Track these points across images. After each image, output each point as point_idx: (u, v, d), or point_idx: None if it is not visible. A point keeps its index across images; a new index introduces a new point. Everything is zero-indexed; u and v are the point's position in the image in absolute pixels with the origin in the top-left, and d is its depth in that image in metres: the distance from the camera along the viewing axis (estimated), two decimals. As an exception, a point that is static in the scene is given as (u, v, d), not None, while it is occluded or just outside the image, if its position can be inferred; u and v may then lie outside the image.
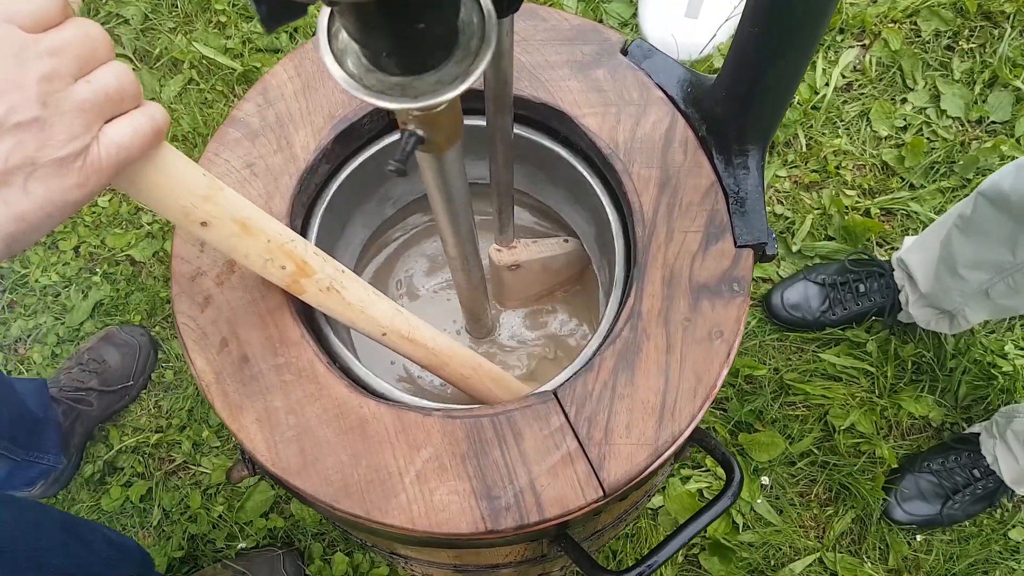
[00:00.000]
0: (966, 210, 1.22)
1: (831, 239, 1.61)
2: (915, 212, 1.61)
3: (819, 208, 1.62)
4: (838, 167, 1.65)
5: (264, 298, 0.71)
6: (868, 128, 1.68)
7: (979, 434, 1.42)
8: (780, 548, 1.43)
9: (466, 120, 0.55)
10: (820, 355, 1.53)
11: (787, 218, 1.62)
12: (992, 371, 1.50)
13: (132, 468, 1.51)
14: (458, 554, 0.83)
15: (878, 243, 1.61)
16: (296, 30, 1.79)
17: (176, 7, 1.83)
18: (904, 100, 1.71)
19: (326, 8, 0.43)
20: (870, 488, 1.44)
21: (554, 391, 0.68)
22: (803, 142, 1.67)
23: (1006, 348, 1.52)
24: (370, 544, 0.94)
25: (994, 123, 1.68)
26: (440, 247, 0.77)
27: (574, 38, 0.80)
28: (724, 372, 0.68)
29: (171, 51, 1.77)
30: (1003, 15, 1.75)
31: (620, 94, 0.78)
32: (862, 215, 1.61)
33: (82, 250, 1.65)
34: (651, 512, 1.43)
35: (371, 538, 0.86)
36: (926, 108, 1.70)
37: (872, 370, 1.51)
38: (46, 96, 0.41)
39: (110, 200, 1.69)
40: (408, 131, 0.48)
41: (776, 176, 1.65)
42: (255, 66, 1.73)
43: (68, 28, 0.43)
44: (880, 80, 1.72)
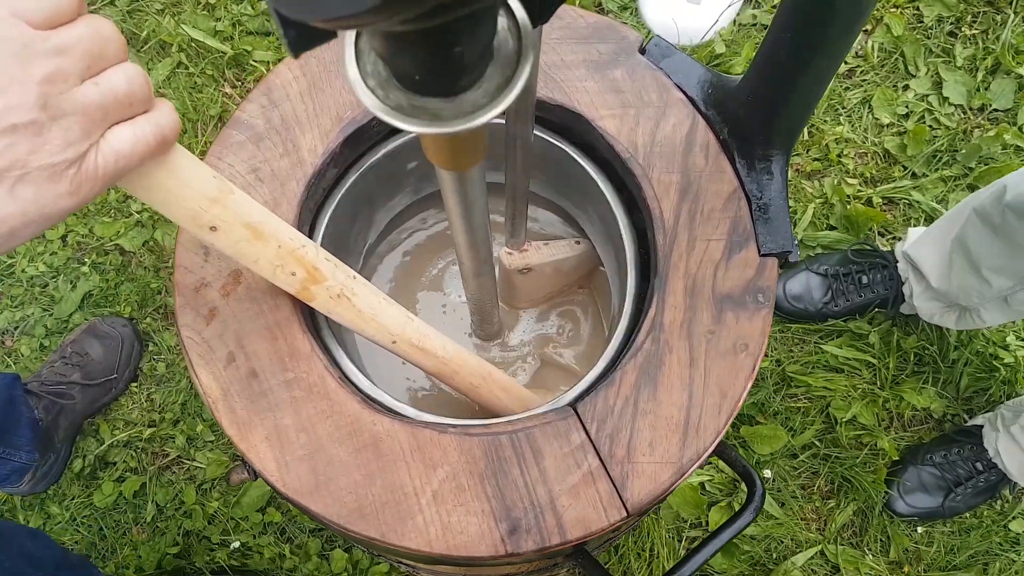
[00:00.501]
0: (989, 211, 1.18)
1: (833, 228, 1.59)
2: (917, 201, 1.59)
3: (821, 197, 1.60)
4: (840, 155, 1.62)
5: (272, 310, 0.68)
6: (870, 115, 1.66)
7: (982, 427, 1.42)
8: (782, 541, 1.43)
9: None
10: (822, 347, 1.52)
11: (789, 207, 1.60)
12: (994, 363, 1.50)
13: (125, 463, 1.48)
14: (470, 568, 0.81)
15: (880, 232, 1.60)
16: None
17: (163, -13, 1.77)
18: (906, 87, 1.68)
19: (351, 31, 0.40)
20: (872, 481, 1.43)
21: (574, 406, 0.66)
22: (804, 130, 1.64)
23: (1008, 339, 1.52)
24: (377, 553, 0.92)
25: (996, 111, 1.66)
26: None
27: (590, 36, 0.77)
28: (748, 386, 0.66)
29: (159, 34, 1.71)
30: (1006, 1, 1.73)
31: (639, 95, 0.75)
32: (864, 204, 1.59)
33: (70, 239, 1.60)
34: (653, 506, 1.42)
35: (383, 553, 0.84)
36: (928, 95, 1.68)
37: (874, 362, 1.50)
38: (47, 97, 0.39)
39: (98, 188, 1.64)
40: None
41: (778, 165, 1.63)
42: (246, 49, 1.68)
43: (78, 26, 0.40)
44: (882, 66, 1.69)
